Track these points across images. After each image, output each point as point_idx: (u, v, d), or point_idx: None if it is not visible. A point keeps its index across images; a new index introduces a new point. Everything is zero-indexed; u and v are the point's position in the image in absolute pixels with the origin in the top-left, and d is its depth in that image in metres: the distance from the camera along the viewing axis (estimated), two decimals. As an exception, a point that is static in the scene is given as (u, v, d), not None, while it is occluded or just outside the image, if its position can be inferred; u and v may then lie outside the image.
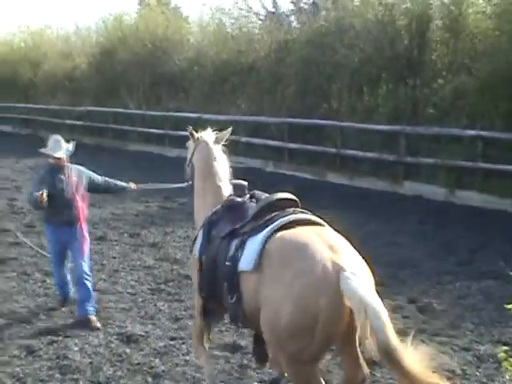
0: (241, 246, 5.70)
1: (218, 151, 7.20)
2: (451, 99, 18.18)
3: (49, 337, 8.26)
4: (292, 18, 27.38)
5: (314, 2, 24.58)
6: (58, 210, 8.79)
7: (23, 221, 14.94)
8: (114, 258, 11.92)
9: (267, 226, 5.67)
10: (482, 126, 16.30)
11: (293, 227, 5.63)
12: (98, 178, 9.51)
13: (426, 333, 8.19)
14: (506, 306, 5.97)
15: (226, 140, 7.40)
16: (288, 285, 5.07)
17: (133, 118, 29.54)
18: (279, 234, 5.54)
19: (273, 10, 28.72)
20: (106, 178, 9.69)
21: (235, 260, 5.66)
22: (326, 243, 5.33)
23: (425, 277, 10.58)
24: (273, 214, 5.84)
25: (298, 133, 21.48)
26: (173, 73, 28.39)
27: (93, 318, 8.68)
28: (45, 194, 8.31)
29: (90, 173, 9.45)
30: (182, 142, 25.59)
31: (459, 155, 16.63)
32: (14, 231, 13.06)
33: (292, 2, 27.81)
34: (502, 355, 5.58)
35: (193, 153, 7.37)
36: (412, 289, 9.98)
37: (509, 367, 5.44)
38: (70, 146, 9.17)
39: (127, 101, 30.34)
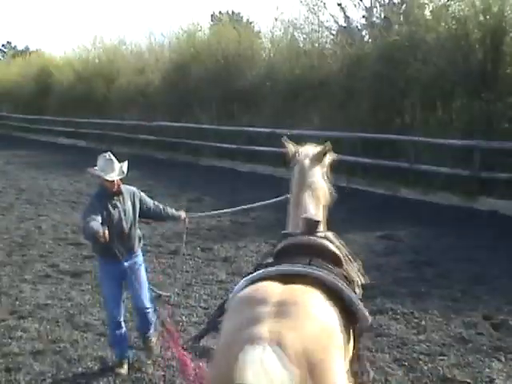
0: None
1: (315, 174, 5.84)
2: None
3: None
4: (364, 32, 27.31)
5: (385, 17, 24.45)
6: (115, 243, 7.56)
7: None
8: (187, 272, 12.02)
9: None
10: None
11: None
12: (150, 203, 8.27)
13: (500, 350, 8.08)
14: None
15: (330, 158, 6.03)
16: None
17: (205, 133, 29.78)
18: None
19: (345, 24, 28.65)
20: (157, 203, 8.40)
21: None
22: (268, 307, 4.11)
23: (500, 293, 10.40)
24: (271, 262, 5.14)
25: (370, 148, 21.40)
26: (245, 88, 28.54)
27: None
28: (106, 233, 7.16)
29: (142, 194, 8.31)
30: (254, 157, 25.97)
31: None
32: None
33: (364, 17, 27.70)
34: None
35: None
36: (486, 305, 9.82)
37: None
38: (124, 166, 8.10)
39: (200, 116, 30.63)
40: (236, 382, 3.57)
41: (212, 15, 54.11)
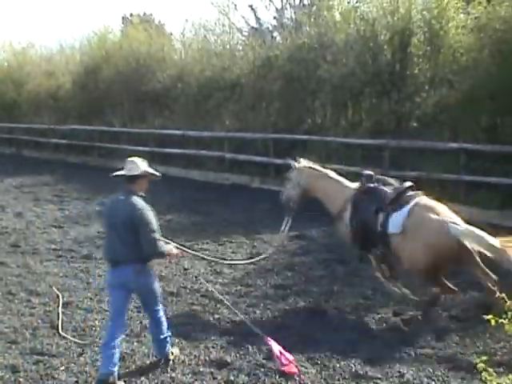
0: (387, 218, 9.16)
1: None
2: (433, 113, 18.35)
3: (34, 356, 8.26)
4: (275, 33, 27.53)
5: (295, 18, 24.68)
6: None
7: (8, 240, 14.91)
8: (100, 276, 11.88)
9: (406, 204, 9.10)
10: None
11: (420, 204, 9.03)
12: (144, 231, 7.61)
13: (410, 346, 8.24)
14: None
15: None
16: (422, 237, 8.71)
17: (118, 136, 29.52)
18: (415, 208, 8.99)
19: (256, 26, 28.84)
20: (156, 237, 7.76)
21: (385, 226, 9.15)
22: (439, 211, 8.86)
23: (410, 290, 10.58)
24: (406, 196, 9.25)
25: (283, 148, 21.52)
26: (157, 90, 28.40)
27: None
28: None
29: (145, 219, 7.64)
30: (167, 159, 25.85)
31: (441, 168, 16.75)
32: None
33: (275, 18, 27.94)
34: None
35: (299, 177, 11.12)
36: (397, 303, 9.97)
37: None
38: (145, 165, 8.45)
39: (112, 119, 30.35)
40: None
41: (123, 17, 53.68)
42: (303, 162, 11.33)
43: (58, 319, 9.43)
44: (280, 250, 13.25)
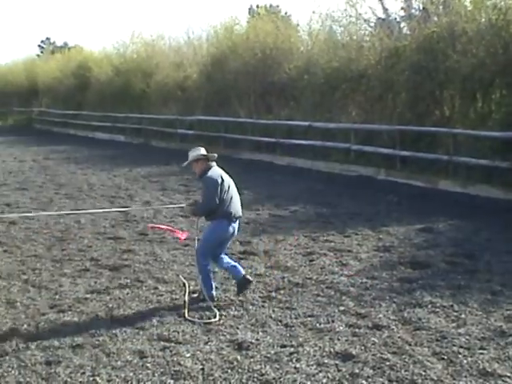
0: None
1: None
2: None
3: (161, 343, 8.42)
4: (402, 24, 27.13)
5: (424, 8, 24.24)
6: None
7: (136, 229, 15.28)
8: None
9: None
10: None
11: None
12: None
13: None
14: None
15: None
16: None
17: (244, 127, 29.79)
18: None
19: (383, 16, 28.47)
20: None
21: None
22: None
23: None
24: None
25: (409, 140, 21.27)
26: (283, 81, 28.51)
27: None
28: None
29: (208, 185, 9.98)
30: (293, 150, 25.98)
31: None
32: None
33: (402, 9, 27.51)
34: None
35: None
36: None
37: None
38: (199, 151, 10.14)
39: (238, 109, 30.65)
40: None
41: (250, 9, 54.16)
42: None
43: (185, 307, 9.59)
44: (406, 242, 13.11)
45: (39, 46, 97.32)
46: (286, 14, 39.83)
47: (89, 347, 8.29)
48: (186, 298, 9.88)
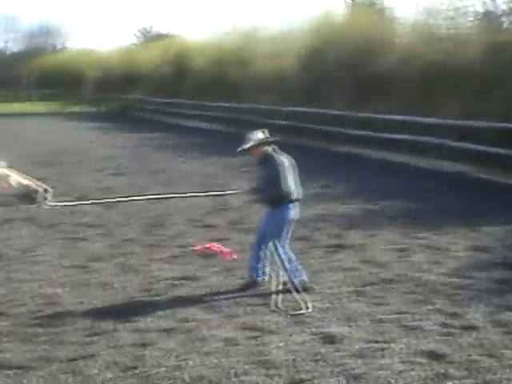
0: None
1: None
2: None
3: (250, 331, 8.45)
4: (505, 18, 26.54)
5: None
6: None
7: (228, 218, 15.37)
8: (317, 258, 11.99)
9: None
10: None
11: None
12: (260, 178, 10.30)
13: None
14: None
15: None
16: None
17: (340, 120, 29.62)
18: None
19: (484, 10, 27.91)
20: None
21: None
22: None
23: None
24: None
25: (509, 138, 20.73)
26: (379, 74, 28.23)
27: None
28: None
29: (271, 173, 9.96)
30: (388, 145, 25.68)
31: None
32: None
33: (504, 2, 26.91)
34: None
35: None
36: None
37: None
38: (260, 135, 10.21)
39: (334, 102, 30.49)
40: None
41: (345, 0, 53.65)
42: None
43: (275, 297, 9.60)
44: (501, 242, 12.84)
45: (136, 34, 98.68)
46: (383, 5, 39.32)
47: (179, 332, 8.41)
48: (277, 288, 9.89)
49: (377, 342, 8.07)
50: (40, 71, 74.47)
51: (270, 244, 9.95)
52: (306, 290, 9.76)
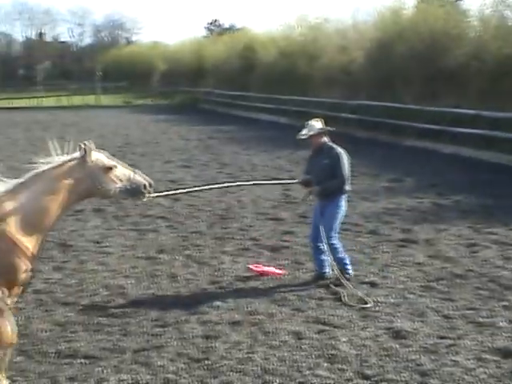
0: None
1: None
2: None
3: (318, 325, 8.43)
4: None
5: None
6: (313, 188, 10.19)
7: (296, 211, 15.32)
8: (385, 252, 11.89)
9: None
10: None
11: None
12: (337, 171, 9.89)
13: None
14: None
15: None
16: None
17: (408, 113, 29.29)
18: None
19: None
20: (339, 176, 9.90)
21: None
22: None
23: None
24: None
25: None
26: (450, 68, 27.84)
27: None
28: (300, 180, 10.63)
29: (341, 160, 9.84)
30: (458, 139, 25.29)
31: None
32: None
33: None
34: None
35: None
36: None
37: None
38: (312, 127, 10.01)
39: (402, 95, 30.19)
40: None
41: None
42: None
43: (342, 291, 9.55)
44: None
45: (206, 27, 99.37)
46: (455, -1, 38.83)
47: (247, 325, 8.44)
48: (345, 282, 9.83)
49: (446, 338, 7.97)
50: (111, 64, 75.38)
51: (330, 236, 9.94)
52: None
